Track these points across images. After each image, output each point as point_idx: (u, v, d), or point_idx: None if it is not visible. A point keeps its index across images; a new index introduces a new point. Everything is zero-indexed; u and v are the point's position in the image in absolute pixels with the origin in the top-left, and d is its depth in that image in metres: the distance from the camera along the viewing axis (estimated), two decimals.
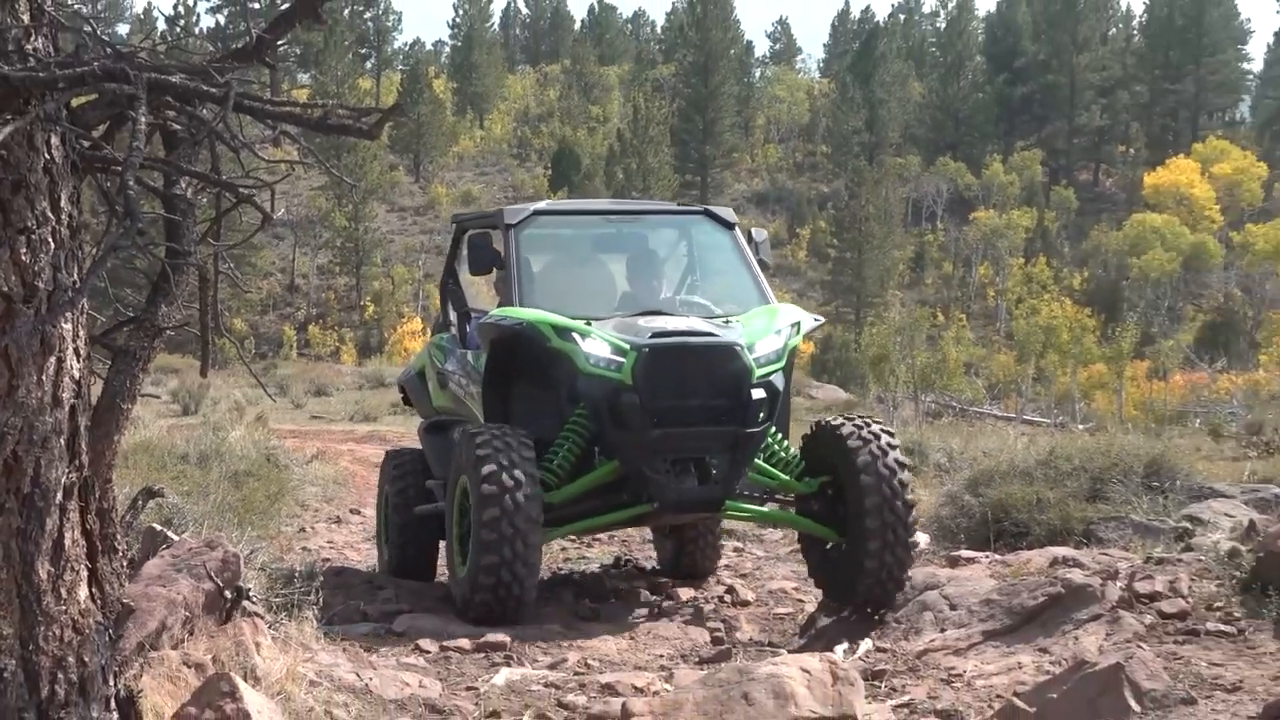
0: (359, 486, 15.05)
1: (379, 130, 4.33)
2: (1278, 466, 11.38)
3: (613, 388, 7.52)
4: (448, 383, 9.08)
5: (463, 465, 7.57)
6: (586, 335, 7.62)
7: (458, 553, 7.74)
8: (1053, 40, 79.51)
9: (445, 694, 6.18)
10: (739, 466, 7.72)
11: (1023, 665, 6.53)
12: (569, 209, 9.58)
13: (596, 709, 5.92)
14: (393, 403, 27.38)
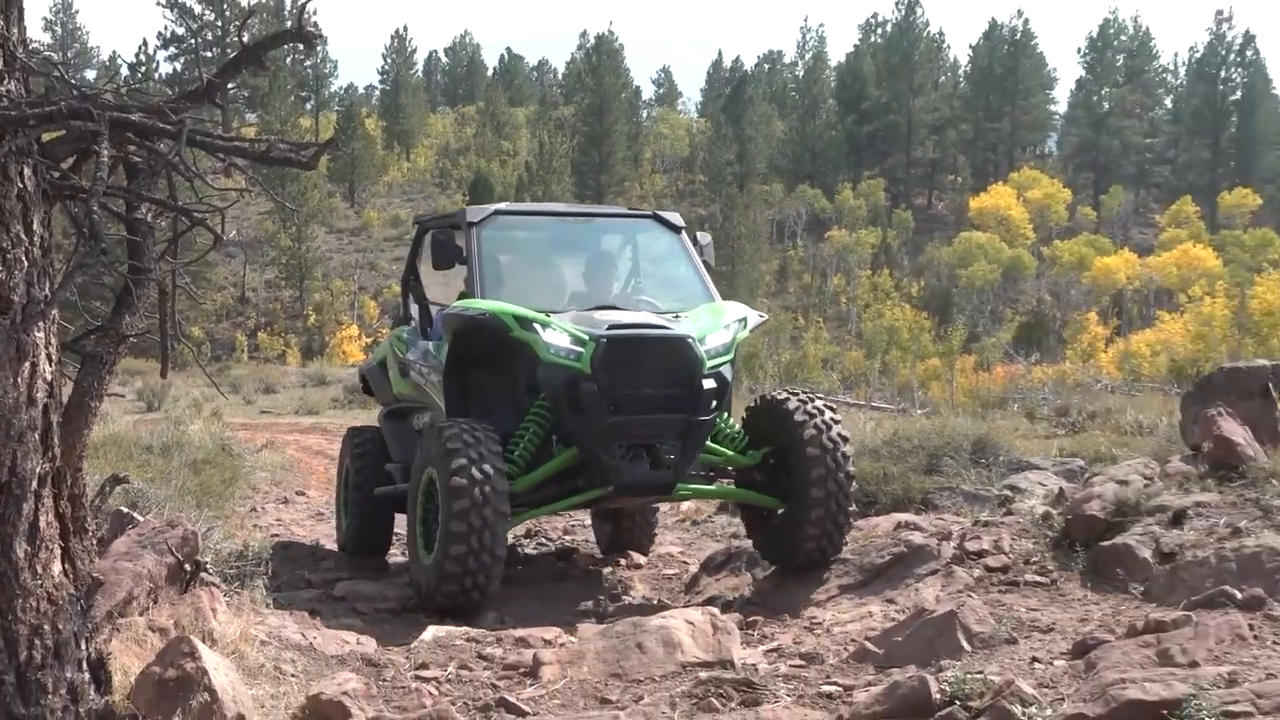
0: (304, 471, 14.85)
1: (316, 161, 4.29)
2: (1082, 443, 11.61)
3: (572, 376, 6.94)
4: (409, 371, 8.44)
5: (430, 457, 6.94)
6: (547, 326, 7.03)
7: (421, 542, 7.07)
8: (893, 86, 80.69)
9: (380, 650, 6.12)
10: (690, 452, 7.18)
11: (873, 614, 6.62)
12: (527, 210, 8.89)
13: (511, 659, 5.90)
14: (333, 398, 27.15)
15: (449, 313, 7.52)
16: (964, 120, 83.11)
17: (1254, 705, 4.11)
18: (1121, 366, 31.48)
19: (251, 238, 64.61)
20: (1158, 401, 15.02)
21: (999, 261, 63.05)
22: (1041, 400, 17.85)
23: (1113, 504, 6.86)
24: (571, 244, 8.58)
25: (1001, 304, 62.29)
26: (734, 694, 5.22)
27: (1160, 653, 4.84)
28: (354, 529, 9.01)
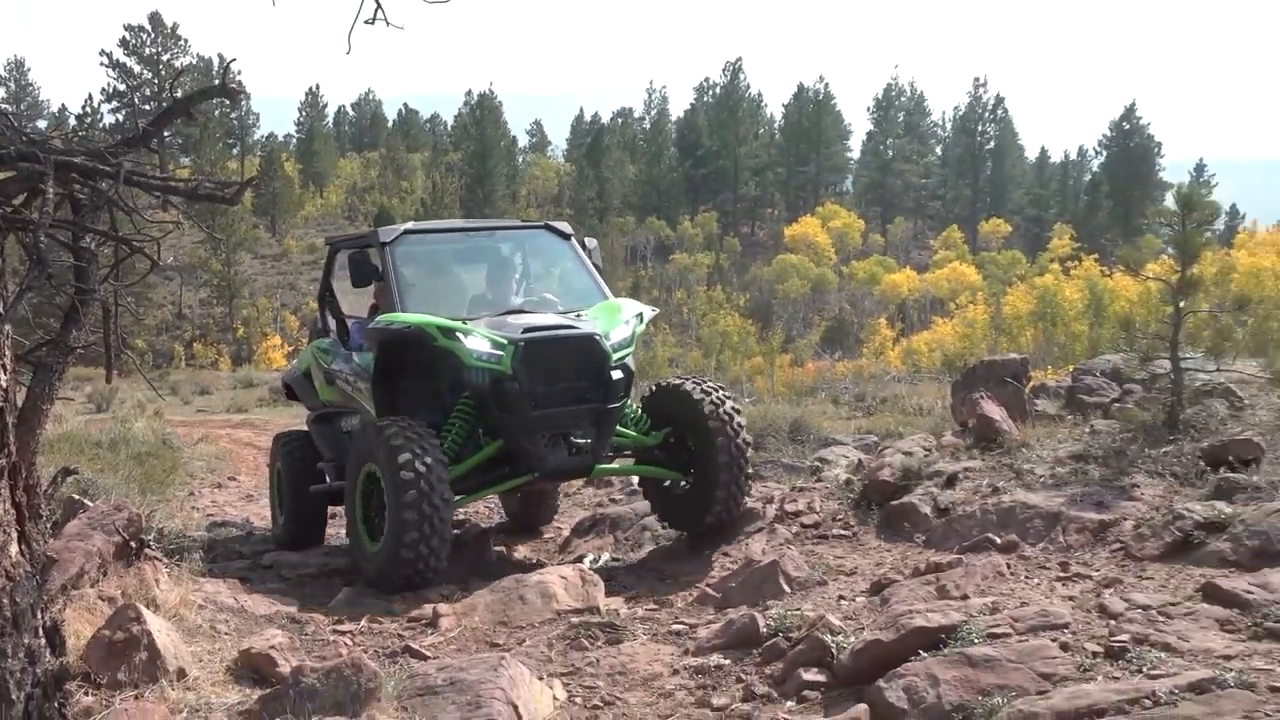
0: (235, 460, 14.35)
1: (239, 198, 4.17)
2: (875, 422, 11.87)
3: (496, 377, 6.47)
4: (334, 380, 7.70)
5: (370, 453, 6.39)
6: (469, 333, 6.54)
7: (364, 532, 6.50)
8: (722, 137, 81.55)
9: (302, 609, 5.97)
10: (604, 437, 6.75)
11: (712, 565, 6.67)
12: (433, 228, 8.04)
13: (414, 613, 5.80)
14: (259, 398, 26.29)
15: (374, 327, 6.97)
16: (779, 164, 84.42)
17: (1011, 627, 4.24)
18: (905, 361, 32.27)
19: (187, 263, 62.76)
20: (934, 389, 15.44)
21: (808, 278, 64.22)
22: (843, 389, 18.19)
23: (900, 471, 7.02)
24: (476, 255, 8.03)
25: (810, 312, 63.42)
26: (600, 634, 5.22)
27: (939, 588, 4.97)
28: (290, 526, 8.31)
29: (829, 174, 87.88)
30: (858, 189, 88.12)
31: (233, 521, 9.46)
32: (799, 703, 4.21)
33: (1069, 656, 3.93)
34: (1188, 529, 5.21)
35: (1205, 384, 7.08)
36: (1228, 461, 5.88)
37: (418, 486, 6.01)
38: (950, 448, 7.36)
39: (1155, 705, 3.46)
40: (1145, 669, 3.74)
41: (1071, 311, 32.63)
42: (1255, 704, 3.37)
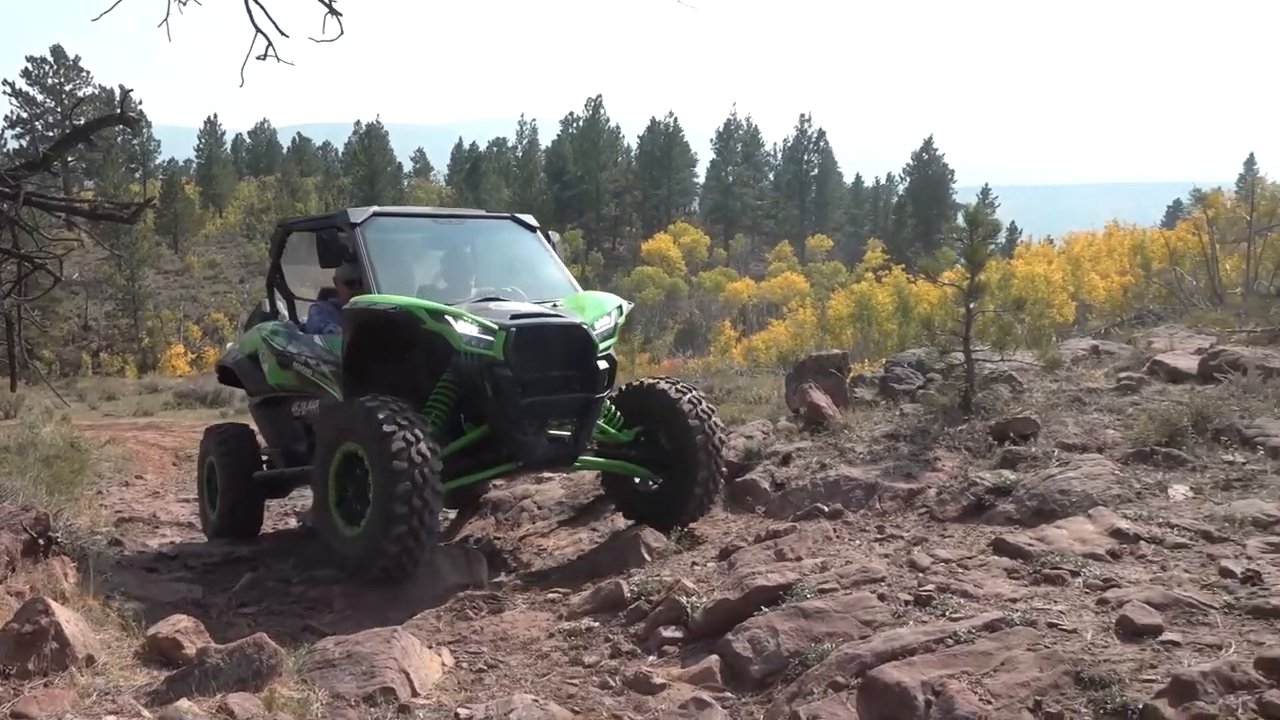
0: (141, 460, 13.58)
1: (137, 218, 3.95)
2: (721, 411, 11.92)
3: (488, 363, 5.61)
4: (290, 363, 6.63)
5: (353, 434, 5.44)
6: (459, 317, 5.66)
7: (338, 515, 5.58)
8: (585, 164, 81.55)
9: (206, 595, 5.69)
10: (587, 427, 5.95)
11: (583, 539, 6.63)
12: (402, 212, 7.06)
13: (313, 594, 5.60)
14: (165, 402, 24.97)
15: (352, 308, 5.96)
16: (636, 188, 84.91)
17: (838, 582, 4.35)
18: (746, 358, 32.83)
19: (93, 278, 59.34)
20: (770, 381, 15.74)
21: (663, 287, 64.77)
22: (695, 383, 18.38)
23: (743, 452, 7.12)
24: (444, 241, 6.98)
25: (665, 317, 63.91)
26: (484, 605, 5.15)
27: (777, 552, 5.06)
28: (226, 516, 7.40)
29: (679, 196, 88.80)
30: (704, 209, 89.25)
31: (140, 517, 8.96)
32: (660, 657, 4.24)
33: (885, 605, 4.05)
34: (980, 494, 5.43)
35: (992, 372, 7.40)
36: (1011, 436, 6.15)
37: (412, 477, 5.15)
38: (785, 431, 7.49)
39: (957, 643, 3.59)
40: (948, 613, 3.88)
41: (883, 313, 33.73)
42: (1037, 637, 3.54)
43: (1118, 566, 4.16)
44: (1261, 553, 4.14)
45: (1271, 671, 3.07)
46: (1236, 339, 8.76)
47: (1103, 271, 31.78)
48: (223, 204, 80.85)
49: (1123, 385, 7.13)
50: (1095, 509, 4.83)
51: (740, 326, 54.21)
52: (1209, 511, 4.68)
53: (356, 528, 5.43)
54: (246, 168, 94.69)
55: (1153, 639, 3.42)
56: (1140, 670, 3.24)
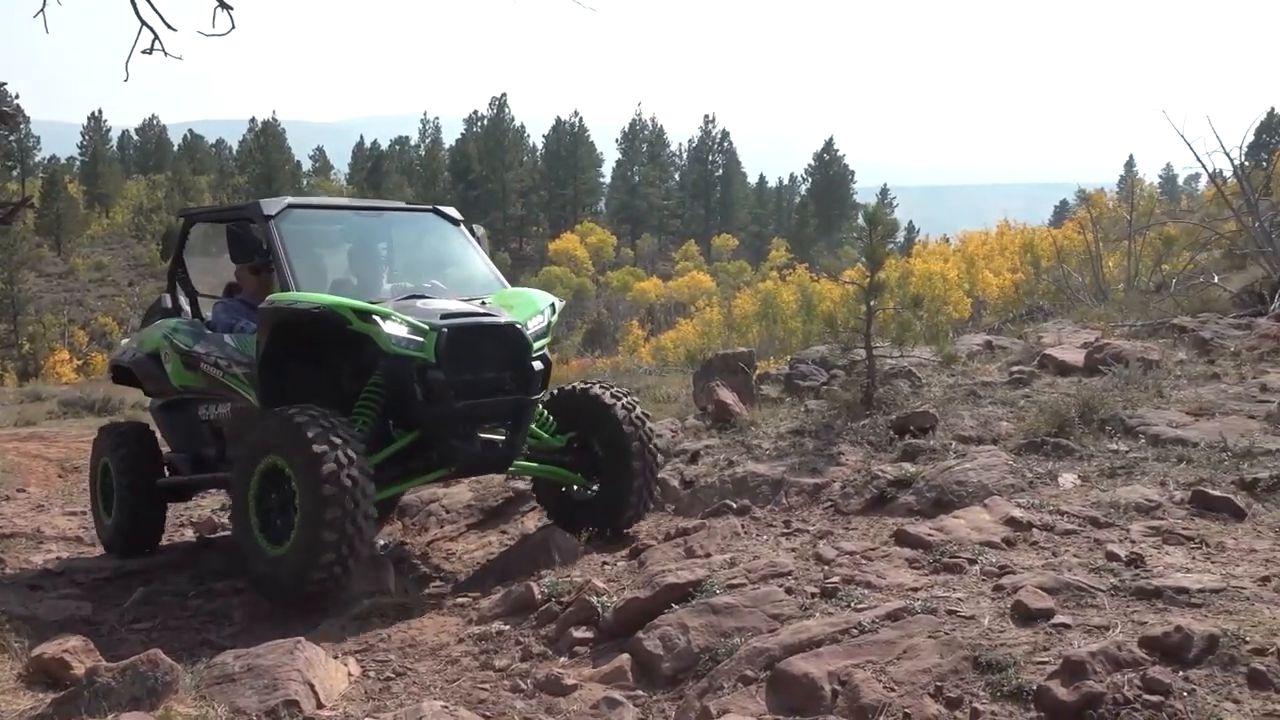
0: (24, 473, 12.93)
1: (14, 218, 3.76)
2: None
3: (418, 366, 5.25)
4: (198, 364, 6.13)
5: (274, 446, 5.04)
6: (387, 317, 5.27)
7: (258, 531, 5.14)
8: (490, 163, 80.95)
9: (96, 611, 5.45)
10: (523, 431, 5.66)
11: (492, 543, 6.58)
12: (318, 203, 6.51)
13: (210, 607, 5.42)
14: (49, 411, 23.83)
15: (269, 306, 5.52)
16: (542, 188, 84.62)
17: (746, 578, 4.40)
18: (655, 356, 33.00)
19: None
20: (678, 379, 15.84)
21: (570, 287, 64.58)
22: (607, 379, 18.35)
23: None
24: (362, 235, 6.51)
25: (573, 316, 63.80)
26: (391, 612, 5.05)
27: (686, 549, 5.09)
28: (122, 525, 6.83)
29: (585, 196, 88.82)
30: (610, 209, 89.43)
31: (23, 532, 8.52)
32: (571, 658, 4.22)
33: (793, 599, 4.12)
34: (882, 486, 5.57)
35: (892, 368, 7.60)
36: (911, 430, 6.32)
37: (343, 504, 4.78)
38: (693, 429, 7.56)
39: (862, 633, 3.68)
40: (853, 604, 3.97)
41: (788, 311, 34.28)
42: (937, 625, 3.65)
43: (1012, 554, 4.31)
44: (1144, 536, 4.35)
45: (1154, 649, 3.23)
46: (1119, 333, 9.19)
47: (995, 269, 32.91)
48: (109, 204, 77.65)
49: (1015, 379, 7.40)
50: (991, 499, 4.99)
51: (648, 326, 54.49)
52: (1095, 498, 4.89)
53: (280, 547, 5.00)
54: (135, 166, 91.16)
55: (1045, 622, 3.56)
56: (1034, 653, 3.37)
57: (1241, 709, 2.96)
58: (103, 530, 7.11)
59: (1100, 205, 22.29)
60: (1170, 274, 15.54)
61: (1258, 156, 31.35)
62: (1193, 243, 16.77)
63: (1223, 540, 4.27)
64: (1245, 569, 3.93)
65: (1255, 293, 10.61)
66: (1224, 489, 4.79)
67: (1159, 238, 17.78)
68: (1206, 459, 5.26)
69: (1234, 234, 13.60)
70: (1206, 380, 6.86)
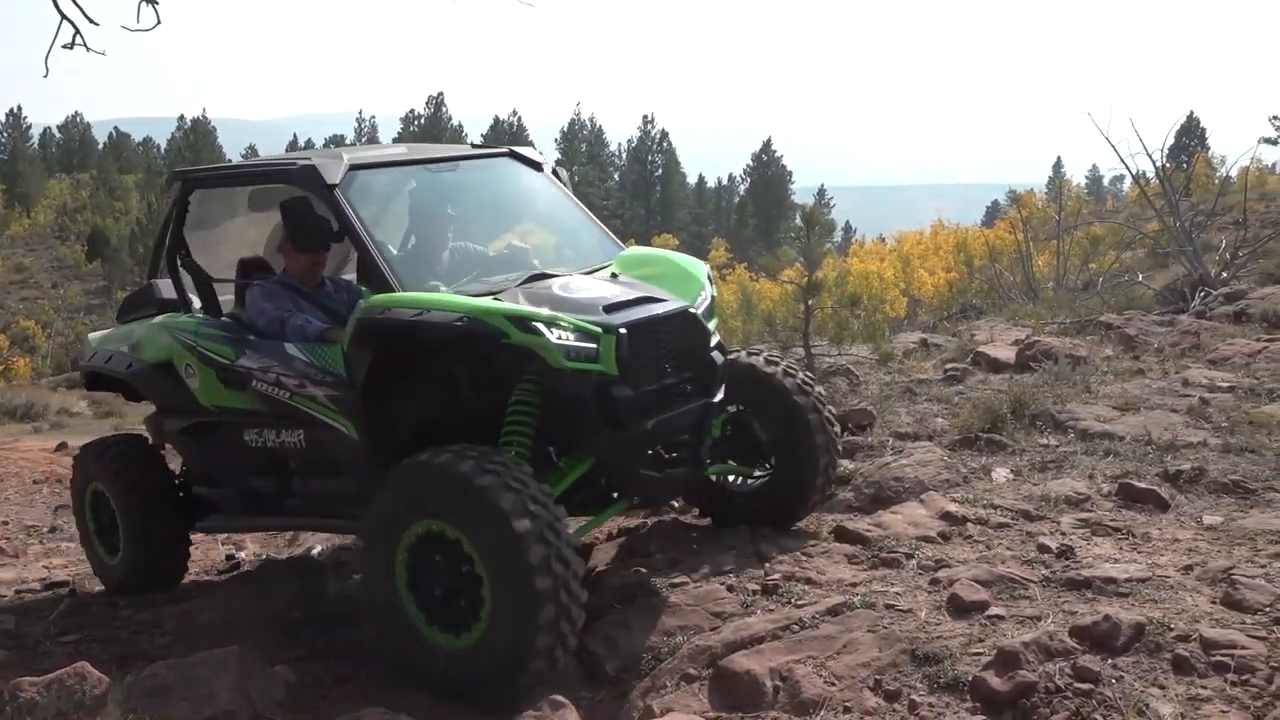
0: None
1: None
2: None
3: (601, 383, 3.93)
4: (247, 382, 4.63)
5: (442, 512, 3.67)
6: (553, 324, 3.91)
7: (421, 619, 3.79)
8: None
9: (20, 624, 5.27)
10: (706, 442, 4.42)
11: None
12: (379, 159, 4.77)
13: (142, 617, 5.27)
14: None
15: (377, 317, 4.07)
16: None
17: (689, 577, 4.40)
18: None
19: None
20: None
21: None
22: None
23: None
24: (445, 198, 5.00)
25: None
26: (329, 618, 4.97)
27: (629, 549, 5.07)
28: (139, 564, 5.53)
29: None
30: None
31: None
32: None
33: (735, 596, 4.15)
34: None
35: (831, 365, 7.71)
36: (849, 427, 6.41)
37: (557, 600, 3.55)
38: None
39: (803, 629, 3.72)
40: (794, 600, 4.02)
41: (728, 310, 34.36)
42: (876, 619, 3.71)
43: (948, 547, 4.40)
44: (1073, 528, 4.47)
45: (1084, 638, 3.32)
46: (1049, 330, 9.43)
47: (930, 268, 33.52)
48: (31, 203, 75.24)
49: (949, 376, 7.55)
50: (927, 494, 5.09)
51: None
52: (1027, 492, 5.01)
53: (462, 638, 3.70)
54: (57, 164, 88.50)
55: (980, 614, 3.64)
56: (969, 644, 3.44)
57: (1167, 694, 3.06)
58: (105, 571, 5.80)
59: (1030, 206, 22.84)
60: (1097, 273, 16.00)
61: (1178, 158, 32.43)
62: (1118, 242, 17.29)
63: (1148, 531, 4.41)
64: (1169, 558, 4.06)
65: (1177, 291, 10.99)
66: (1149, 481, 4.94)
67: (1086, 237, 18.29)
68: (1132, 452, 5.42)
69: (1157, 234, 14.05)
70: (1132, 376, 7.07)
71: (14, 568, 6.95)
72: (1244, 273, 11.47)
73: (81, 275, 64.94)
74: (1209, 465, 5.06)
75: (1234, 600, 3.54)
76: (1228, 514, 4.54)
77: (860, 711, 3.24)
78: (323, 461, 4.63)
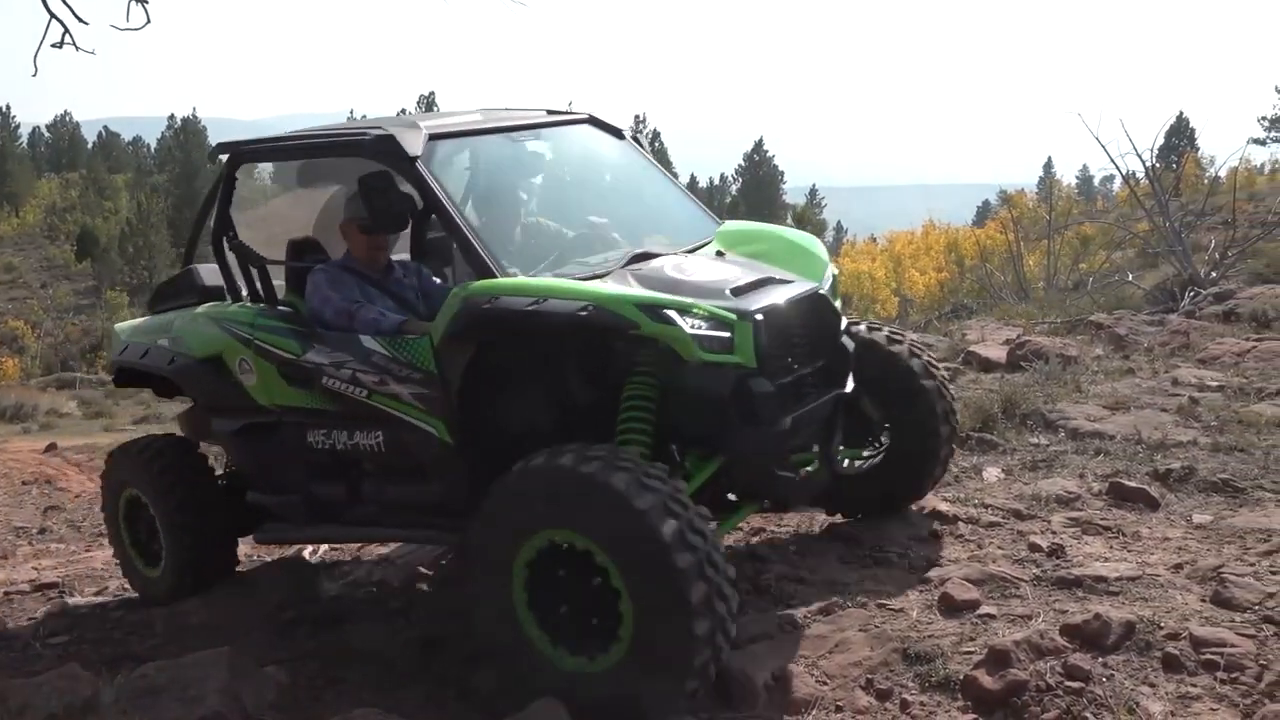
0: None
1: None
2: None
3: (739, 376, 3.49)
4: (315, 379, 4.17)
5: (578, 523, 3.21)
6: (687, 311, 3.48)
7: (552, 648, 3.35)
8: None
9: (10, 626, 5.25)
10: (837, 438, 4.01)
11: (426, 546, 6.49)
12: (461, 128, 4.29)
13: (132, 619, 5.25)
14: None
15: (477, 306, 3.62)
16: None
17: None
18: None
19: None
20: None
21: None
22: None
23: None
24: (531, 169, 4.56)
25: None
26: (322, 620, 4.95)
27: None
28: (183, 573, 5.10)
29: None
30: None
31: None
32: None
33: None
34: None
35: None
36: None
37: (714, 642, 3.14)
38: None
39: (794, 629, 3.73)
40: (786, 599, 4.02)
41: None
42: (867, 618, 3.72)
43: (939, 546, 4.42)
44: (1064, 527, 4.49)
45: (1075, 637, 3.34)
46: (1039, 330, 9.47)
47: (921, 268, 33.64)
48: (19, 203, 74.99)
49: None
50: None
51: None
52: (1018, 491, 5.03)
53: (597, 661, 3.27)
54: (46, 164, 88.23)
55: (971, 613, 3.66)
56: (961, 643, 3.46)
57: (1157, 692, 3.07)
58: (144, 583, 5.35)
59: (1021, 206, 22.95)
60: (1087, 272, 16.08)
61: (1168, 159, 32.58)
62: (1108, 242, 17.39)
63: (1138, 530, 4.43)
64: (1159, 557, 4.08)
65: (1167, 290, 11.04)
66: (1139, 480, 4.96)
67: (1077, 237, 18.39)
68: (1123, 451, 5.45)
69: (1146, 234, 14.12)
70: (1122, 375, 7.10)
71: (3, 569, 6.91)
72: (1233, 272, 11.54)
73: (71, 275, 64.67)
74: (1198, 464, 5.08)
75: (1223, 598, 3.56)
76: (1217, 513, 4.57)
77: (852, 711, 3.25)
78: (403, 466, 4.17)
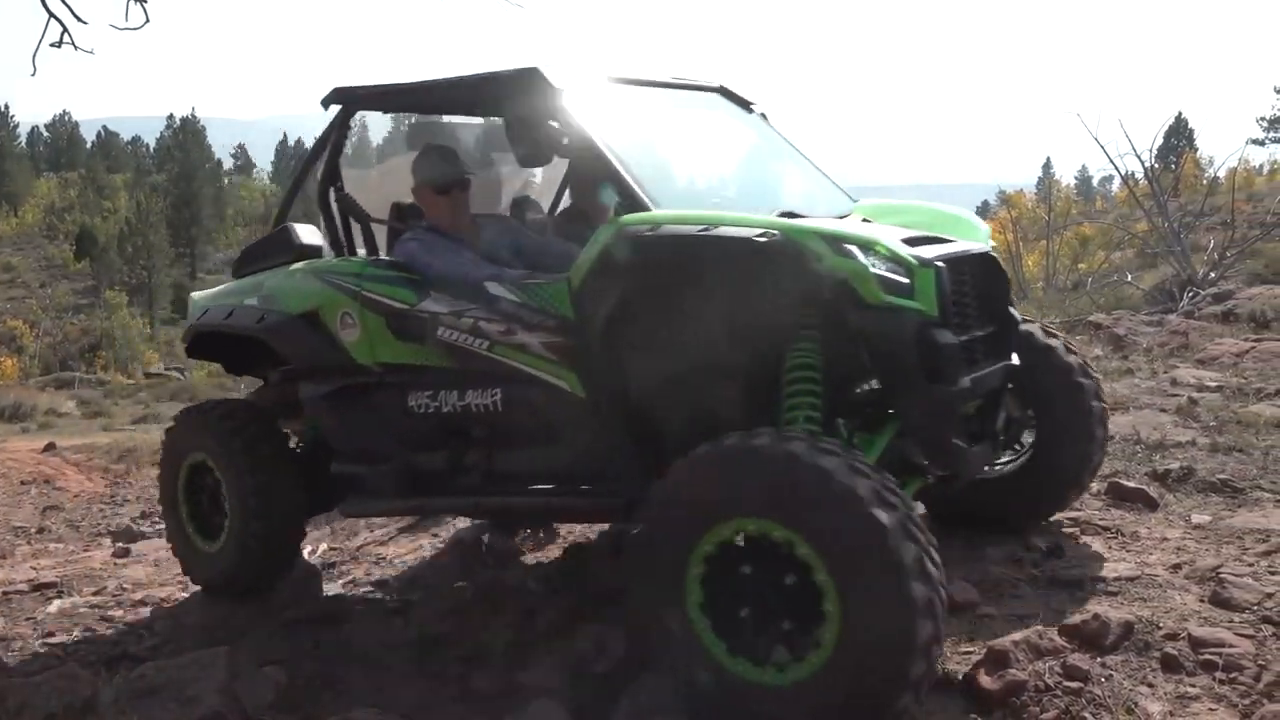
0: None
1: None
2: None
3: (921, 324, 3.11)
4: (430, 330, 3.87)
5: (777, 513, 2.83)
6: (870, 247, 3.11)
7: (732, 658, 2.93)
8: None
9: (7, 626, 5.25)
10: (1001, 410, 3.72)
11: (424, 545, 6.48)
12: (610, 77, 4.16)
13: (131, 618, 5.25)
14: None
15: (635, 233, 3.31)
16: None
17: None
18: None
19: None
20: None
21: None
22: None
23: None
24: (671, 126, 4.37)
25: None
26: (320, 620, 4.96)
27: (619, 548, 5.09)
28: (251, 551, 4.73)
29: None
30: None
31: None
32: (511, 660, 4.19)
33: None
34: None
35: None
36: None
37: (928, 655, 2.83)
38: None
39: None
40: None
41: None
42: None
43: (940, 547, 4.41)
44: (1063, 527, 4.49)
45: (1073, 637, 3.33)
46: None
47: None
48: (18, 202, 75.04)
49: None
50: None
51: None
52: None
53: (781, 672, 2.89)
54: (45, 163, 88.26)
55: (970, 613, 3.65)
56: (959, 643, 3.46)
57: (1156, 692, 3.07)
58: (200, 563, 5.00)
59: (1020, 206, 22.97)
60: (1086, 273, 16.08)
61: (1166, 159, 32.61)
62: (1107, 242, 17.40)
63: (1137, 530, 4.43)
64: (1158, 557, 4.08)
65: (1166, 290, 11.05)
66: (1138, 480, 4.96)
67: (1076, 237, 18.41)
68: (1121, 451, 5.44)
69: (1145, 234, 14.12)
70: (1121, 375, 7.10)
71: (1, 569, 6.91)
72: (1232, 273, 11.54)
73: (70, 275, 64.69)
74: (1197, 464, 5.08)
75: (1222, 599, 3.56)
76: (1216, 513, 4.57)
77: None
78: (521, 429, 3.86)
